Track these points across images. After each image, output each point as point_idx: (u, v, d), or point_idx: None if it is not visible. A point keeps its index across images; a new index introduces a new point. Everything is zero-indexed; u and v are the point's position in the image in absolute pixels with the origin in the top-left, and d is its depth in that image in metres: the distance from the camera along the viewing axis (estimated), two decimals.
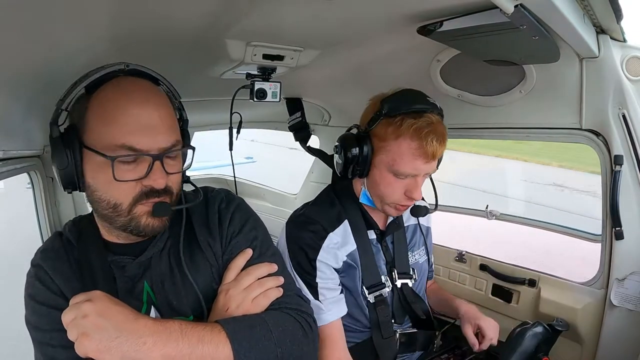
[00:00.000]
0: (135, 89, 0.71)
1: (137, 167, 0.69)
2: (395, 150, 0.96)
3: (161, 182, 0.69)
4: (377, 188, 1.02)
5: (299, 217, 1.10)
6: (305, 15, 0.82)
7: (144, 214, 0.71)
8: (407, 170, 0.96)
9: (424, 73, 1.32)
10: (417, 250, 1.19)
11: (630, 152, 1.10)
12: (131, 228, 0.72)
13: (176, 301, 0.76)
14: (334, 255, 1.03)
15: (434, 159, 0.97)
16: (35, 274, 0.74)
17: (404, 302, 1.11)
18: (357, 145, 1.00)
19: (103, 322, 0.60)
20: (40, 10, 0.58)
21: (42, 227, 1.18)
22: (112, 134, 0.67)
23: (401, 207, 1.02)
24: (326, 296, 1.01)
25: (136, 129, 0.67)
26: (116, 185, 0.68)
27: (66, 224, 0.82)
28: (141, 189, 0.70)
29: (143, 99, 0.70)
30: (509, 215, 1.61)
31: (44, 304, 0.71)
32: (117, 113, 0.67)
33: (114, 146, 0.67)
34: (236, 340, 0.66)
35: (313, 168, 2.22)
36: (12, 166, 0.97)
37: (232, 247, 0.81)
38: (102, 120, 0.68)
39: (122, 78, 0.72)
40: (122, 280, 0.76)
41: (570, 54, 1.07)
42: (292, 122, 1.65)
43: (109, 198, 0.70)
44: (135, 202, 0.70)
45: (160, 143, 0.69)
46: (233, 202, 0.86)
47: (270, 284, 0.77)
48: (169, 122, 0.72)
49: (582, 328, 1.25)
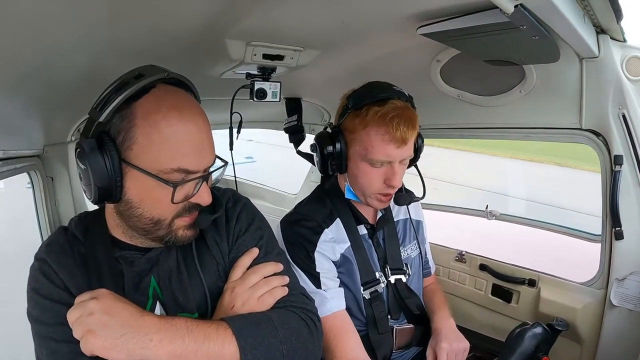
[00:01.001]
0: (182, 103, 0.69)
1: (185, 186, 0.69)
2: (365, 140, 0.98)
3: (208, 199, 0.71)
4: (357, 180, 1.03)
5: (292, 215, 1.11)
6: (305, 15, 0.82)
7: (182, 227, 0.72)
8: (380, 157, 0.97)
9: (424, 73, 1.32)
10: (408, 245, 1.20)
11: (630, 152, 1.10)
12: (168, 239, 0.73)
13: (182, 297, 0.76)
14: (332, 247, 1.04)
15: (405, 143, 0.97)
16: (40, 267, 0.73)
17: (399, 298, 1.12)
18: (330, 142, 1.02)
19: (108, 319, 0.60)
20: (41, 11, 0.58)
21: (42, 227, 1.18)
22: (166, 155, 0.66)
23: (383, 197, 1.03)
24: (328, 286, 1.01)
25: (190, 151, 0.67)
26: (166, 205, 0.68)
27: (72, 220, 0.82)
28: (184, 205, 0.71)
29: (192, 115, 0.69)
30: (508, 215, 1.61)
31: (47, 298, 0.70)
32: (169, 132, 0.65)
33: (168, 169, 0.66)
34: (242, 337, 0.66)
35: (313, 168, 2.22)
36: (12, 166, 0.97)
37: (238, 246, 0.81)
38: (153, 139, 0.65)
39: (162, 87, 0.69)
40: (130, 274, 0.76)
41: (570, 54, 1.07)
42: (287, 124, 1.66)
43: (153, 215, 0.70)
44: (177, 216, 0.71)
45: (208, 162, 0.71)
46: (240, 202, 0.87)
47: (275, 282, 0.78)
48: (211, 137, 0.72)
49: (582, 328, 1.25)
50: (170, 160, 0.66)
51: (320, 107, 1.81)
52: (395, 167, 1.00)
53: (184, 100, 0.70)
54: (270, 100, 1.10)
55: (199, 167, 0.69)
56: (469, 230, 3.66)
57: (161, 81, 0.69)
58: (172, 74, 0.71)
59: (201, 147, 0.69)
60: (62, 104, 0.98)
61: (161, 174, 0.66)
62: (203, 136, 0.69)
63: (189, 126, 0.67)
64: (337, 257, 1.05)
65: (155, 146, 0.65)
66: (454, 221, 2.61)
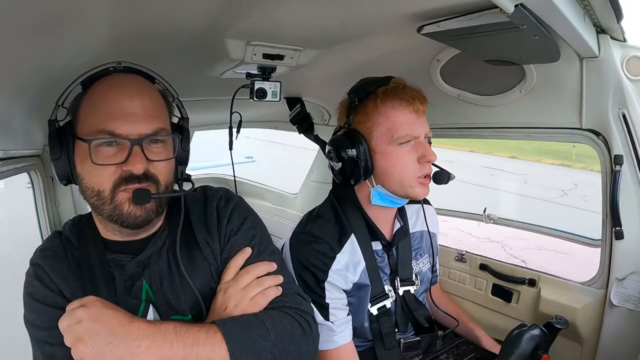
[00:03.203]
0: (125, 82, 0.73)
1: (118, 153, 0.70)
2: (385, 121, 0.95)
3: (139, 167, 0.70)
4: (390, 171, 0.96)
5: (303, 235, 1.02)
6: (305, 15, 0.82)
7: (125, 201, 0.71)
8: (406, 131, 0.94)
9: (424, 73, 1.32)
10: (421, 258, 1.16)
11: (630, 152, 1.10)
12: (116, 217, 0.72)
13: (174, 300, 0.76)
14: (344, 277, 0.98)
15: (423, 112, 0.96)
16: (34, 272, 0.74)
17: (407, 311, 1.09)
18: (349, 142, 0.96)
19: (97, 327, 0.61)
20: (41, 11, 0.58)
21: (42, 227, 1.18)
22: (95, 120, 0.70)
23: (423, 179, 0.97)
24: (337, 316, 0.96)
25: (117, 115, 0.69)
26: (98, 171, 0.70)
27: (66, 223, 0.83)
28: (121, 174, 0.70)
29: (128, 89, 0.72)
30: (506, 219, 1.61)
31: (42, 302, 0.71)
32: (101, 102, 0.70)
33: (95, 132, 0.69)
34: (232, 341, 0.66)
35: (313, 168, 2.21)
36: (12, 166, 0.97)
37: (230, 246, 0.81)
38: (89, 111, 0.71)
39: (115, 75, 0.74)
40: (121, 278, 0.76)
41: (571, 54, 1.06)
42: (292, 114, 1.65)
43: (93, 185, 0.71)
44: (116, 187, 0.70)
45: (141, 129, 0.70)
46: (232, 201, 0.86)
47: (269, 282, 0.77)
48: (153, 110, 0.73)
49: (582, 328, 1.25)
50: (97, 123, 0.69)
51: (320, 106, 1.81)
52: (424, 141, 0.96)
53: (129, 81, 0.74)
54: (270, 100, 1.10)
55: (127, 131, 0.69)
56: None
57: (117, 70, 0.74)
58: (126, 63, 0.75)
59: (132, 114, 0.70)
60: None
61: (89, 137, 0.69)
62: (136, 104, 0.71)
63: (120, 95, 0.71)
64: (349, 287, 1.00)
65: (88, 115, 0.71)
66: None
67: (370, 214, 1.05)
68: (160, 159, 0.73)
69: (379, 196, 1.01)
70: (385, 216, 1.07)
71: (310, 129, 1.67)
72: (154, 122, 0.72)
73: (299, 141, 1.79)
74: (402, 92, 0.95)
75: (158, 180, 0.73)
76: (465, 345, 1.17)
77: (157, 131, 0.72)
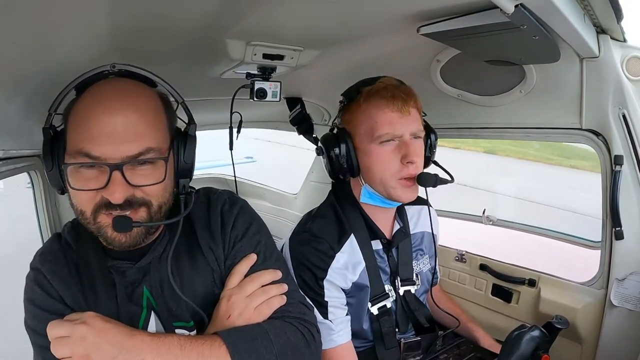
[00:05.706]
0: (112, 92, 0.67)
1: (99, 176, 0.65)
2: (366, 119, 0.96)
3: (118, 196, 0.64)
4: (372, 170, 0.97)
5: (302, 234, 1.03)
6: (305, 15, 0.82)
7: (108, 226, 0.67)
8: (385, 129, 0.93)
9: (424, 73, 1.32)
10: (421, 258, 1.16)
11: (630, 152, 1.10)
12: (102, 238, 0.70)
13: (176, 307, 0.75)
14: (343, 276, 0.98)
15: (407, 112, 0.93)
16: (35, 278, 0.73)
17: (408, 311, 1.09)
18: (335, 140, 0.99)
19: (101, 342, 0.61)
20: (40, 11, 0.57)
21: (42, 227, 1.18)
22: (76, 138, 0.65)
23: (406, 180, 0.95)
24: (336, 315, 0.96)
25: (97, 134, 0.63)
26: (80, 194, 0.66)
27: (65, 226, 0.81)
28: (101, 199, 0.66)
29: (112, 101, 0.65)
30: (505, 221, 1.61)
31: (43, 309, 0.71)
32: (84, 116, 0.65)
33: (74, 152, 0.64)
34: (237, 354, 0.65)
35: (313, 168, 2.21)
36: (12, 166, 0.97)
37: (235, 252, 0.79)
38: (75, 124, 0.66)
39: (108, 80, 0.69)
40: (122, 285, 0.75)
41: (571, 54, 1.07)
42: (292, 115, 1.66)
43: (76, 204, 0.68)
44: (97, 210, 0.67)
45: (124, 151, 0.64)
46: (236, 205, 0.84)
47: (273, 291, 0.76)
48: (140, 127, 0.66)
49: (582, 328, 1.25)
50: (77, 142, 0.65)
51: (320, 107, 1.81)
52: (408, 141, 0.95)
53: (118, 90, 0.68)
54: (270, 100, 1.10)
55: (107, 154, 0.63)
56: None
57: (111, 74, 0.70)
58: (120, 65, 0.69)
59: (114, 134, 0.63)
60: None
61: (69, 158, 0.66)
62: (119, 121, 0.64)
63: (101, 110, 0.64)
64: (348, 286, 1.00)
65: (73, 129, 0.67)
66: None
67: (368, 213, 1.06)
68: (147, 184, 0.67)
69: (368, 194, 1.03)
70: (383, 215, 1.08)
71: (310, 130, 1.67)
72: (140, 142, 0.65)
73: (298, 142, 1.79)
74: (384, 91, 0.95)
75: (148, 202, 0.69)
76: (466, 345, 1.17)
77: (144, 152, 0.66)
